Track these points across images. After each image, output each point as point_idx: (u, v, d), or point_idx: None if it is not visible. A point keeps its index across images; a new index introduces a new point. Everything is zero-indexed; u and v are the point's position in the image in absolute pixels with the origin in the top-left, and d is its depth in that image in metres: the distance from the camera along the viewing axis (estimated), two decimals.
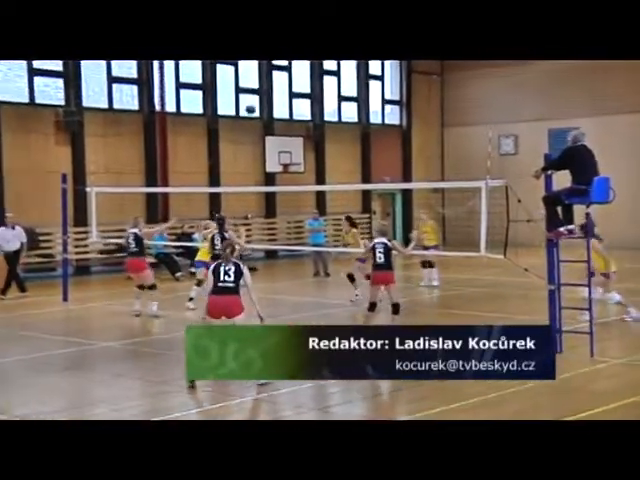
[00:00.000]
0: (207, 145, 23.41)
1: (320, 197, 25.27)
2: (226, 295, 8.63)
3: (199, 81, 23.29)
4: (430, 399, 8.21)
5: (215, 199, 23.17)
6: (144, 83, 22.10)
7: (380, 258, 10.91)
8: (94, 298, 16.33)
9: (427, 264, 16.43)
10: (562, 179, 10.27)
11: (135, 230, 13.72)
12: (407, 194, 28.22)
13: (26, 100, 20.22)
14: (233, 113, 24.07)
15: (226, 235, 12.61)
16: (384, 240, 11.07)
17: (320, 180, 25.44)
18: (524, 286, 14.86)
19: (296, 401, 8.37)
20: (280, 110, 25.03)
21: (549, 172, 10.11)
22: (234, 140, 23.92)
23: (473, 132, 27.73)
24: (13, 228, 16.69)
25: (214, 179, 23.21)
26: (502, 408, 7.89)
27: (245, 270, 8.77)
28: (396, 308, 11.00)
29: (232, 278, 8.65)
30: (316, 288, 17.79)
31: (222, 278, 8.65)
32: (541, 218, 10.32)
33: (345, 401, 8.64)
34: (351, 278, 14.35)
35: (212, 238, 12.80)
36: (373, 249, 11.02)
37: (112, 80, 21.63)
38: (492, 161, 12.40)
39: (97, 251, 20.71)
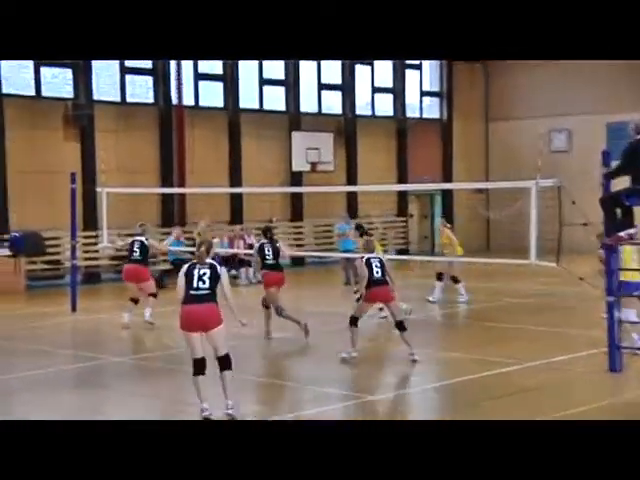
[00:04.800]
0: (228, 141, 23.57)
1: (351, 198, 25.34)
2: (202, 304, 8.26)
3: (219, 72, 23.47)
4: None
5: (237, 201, 23.30)
6: (160, 74, 22.31)
7: (377, 273, 10.94)
8: (105, 308, 16.49)
9: (453, 279, 16.10)
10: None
11: (142, 238, 14.01)
12: (448, 195, 28.21)
13: (32, 93, 20.47)
14: (256, 106, 24.23)
15: (277, 245, 12.99)
16: (378, 255, 11.31)
17: (351, 180, 25.53)
18: (579, 296, 14.75)
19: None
20: (308, 103, 25.15)
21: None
22: (258, 135, 24.06)
23: (521, 126, 27.65)
24: None
25: (236, 179, 23.35)
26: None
27: (223, 272, 8.41)
28: (402, 325, 10.91)
29: (207, 284, 8.29)
30: (346, 298, 17.79)
31: (196, 284, 8.29)
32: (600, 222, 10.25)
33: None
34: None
35: (261, 248, 12.89)
36: (369, 264, 11.02)
37: (125, 71, 21.86)
38: (543, 158, 12.37)
39: (108, 257, 20.92)
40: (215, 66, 23.35)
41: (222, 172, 23.19)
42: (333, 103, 25.94)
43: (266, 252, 12.75)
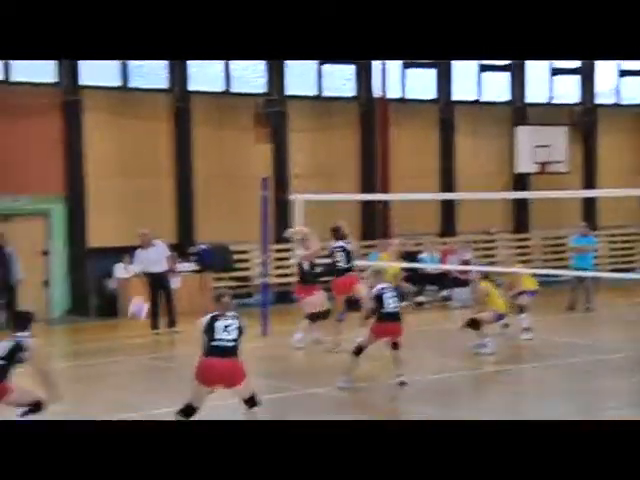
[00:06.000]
0: (439, 139, 23.94)
1: (589, 205, 25.08)
2: (226, 358, 8.89)
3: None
4: None
5: (449, 209, 23.62)
6: (361, 63, 22.87)
7: (390, 305, 11.84)
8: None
9: None
10: None
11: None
12: None
13: (220, 88, 21.62)
14: (473, 97, 24.48)
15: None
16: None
17: (590, 183, 25.24)
18: None
19: None
20: (536, 91, 25.15)
21: None
22: (474, 132, 24.27)
23: None
24: (154, 245, 17.54)
25: (447, 183, 23.73)
26: None
27: (244, 325, 9.19)
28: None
29: (232, 336, 8.95)
30: (571, 326, 17.62)
31: (219, 335, 8.92)
32: None
33: None
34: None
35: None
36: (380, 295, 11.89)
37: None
38: None
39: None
40: None
41: (432, 175, 23.60)
42: (568, 90, 25.74)
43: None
